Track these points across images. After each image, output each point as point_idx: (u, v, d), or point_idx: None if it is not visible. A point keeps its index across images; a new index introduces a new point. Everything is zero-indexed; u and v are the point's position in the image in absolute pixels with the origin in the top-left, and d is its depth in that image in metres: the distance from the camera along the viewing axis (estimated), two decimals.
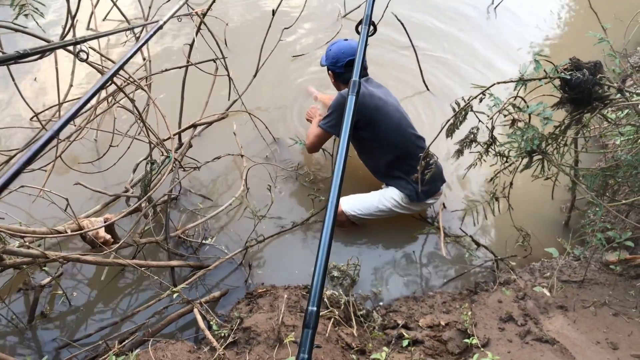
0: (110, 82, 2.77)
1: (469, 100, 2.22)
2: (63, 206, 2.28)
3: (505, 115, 2.29)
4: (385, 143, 2.85)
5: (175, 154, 2.60)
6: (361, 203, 2.98)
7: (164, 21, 1.95)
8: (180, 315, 2.52)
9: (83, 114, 3.03)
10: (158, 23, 1.94)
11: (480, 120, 2.28)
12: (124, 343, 2.36)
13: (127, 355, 2.15)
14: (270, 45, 3.47)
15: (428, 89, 3.97)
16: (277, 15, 3.30)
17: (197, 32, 2.86)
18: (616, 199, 2.67)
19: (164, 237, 2.67)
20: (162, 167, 2.53)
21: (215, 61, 3.10)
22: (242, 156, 3.31)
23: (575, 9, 5.07)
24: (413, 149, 2.85)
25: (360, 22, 1.60)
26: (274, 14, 3.24)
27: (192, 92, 3.20)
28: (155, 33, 1.88)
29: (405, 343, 2.36)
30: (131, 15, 4.16)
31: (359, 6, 4.47)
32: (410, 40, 3.85)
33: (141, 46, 1.78)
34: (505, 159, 2.50)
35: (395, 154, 2.86)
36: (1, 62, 1.32)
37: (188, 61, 2.91)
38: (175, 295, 2.31)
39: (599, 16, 2.61)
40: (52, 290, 2.66)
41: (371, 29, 1.60)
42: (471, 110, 2.26)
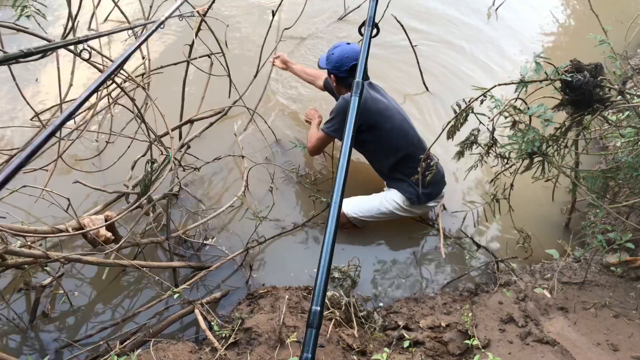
0: (111, 82, 2.79)
1: (469, 102, 2.22)
2: (64, 205, 2.28)
3: (506, 117, 2.30)
4: (387, 146, 2.86)
5: (174, 152, 2.59)
6: (363, 205, 2.98)
7: (163, 20, 1.94)
8: (182, 315, 2.52)
9: (82, 112, 3.04)
10: (157, 22, 1.94)
11: (481, 122, 2.28)
12: (125, 343, 2.36)
13: (129, 356, 2.15)
14: (270, 46, 3.47)
15: (428, 90, 3.97)
16: (277, 15, 3.29)
17: (197, 32, 2.85)
18: (617, 200, 2.67)
19: (165, 237, 2.67)
20: (162, 167, 2.53)
21: (210, 57, 3.09)
22: (243, 157, 3.31)
23: (575, 11, 5.08)
24: (415, 151, 2.85)
25: (363, 24, 1.60)
26: (273, 15, 3.24)
27: (193, 92, 3.20)
28: (154, 32, 1.88)
29: (406, 344, 2.37)
30: (132, 15, 4.16)
31: (355, 8, 4.48)
32: (410, 41, 3.85)
33: (140, 44, 1.77)
34: (506, 160, 2.50)
35: (398, 157, 2.86)
36: (6, 61, 1.32)
37: (189, 56, 2.90)
38: (176, 296, 2.31)
39: (599, 18, 2.62)
40: (54, 290, 2.66)
41: (374, 31, 1.60)
42: (472, 112, 2.27)
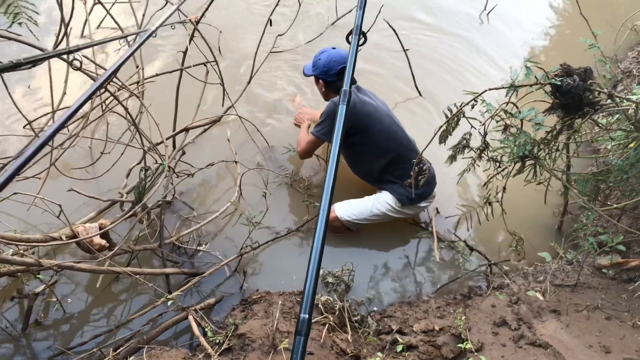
0: (104, 90, 2.79)
1: (461, 106, 2.24)
2: (57, 213, 2.27)
3: (497, 121, 2.32)
4: (377, 148, 2.88)
5: (168, 160, 2.59)
6: (355, 208, 2.99)
7: (155, 29, 1.95)
8: (175, 322, 2.51)
9: (76, 121, 3.04)
10: (149, 30, 1.95)
11: (472, 126, 2.29)
12: (119, 350, 2.35)
13: None
14: (264, 51, 3.48)
15: (421, 95, 3.99)
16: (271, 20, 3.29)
17: (191, 40, 2.86)
18: (608, 203, 2.69)
19: (159, 244, 2.67)
20: (156, 175, 2.53)
21: (206, 65, 3.10)
22: (236, 162, 3.31)
23: (566, 15, 5.11)
24: (405, 152, 2.88)
25: (350, 32, 1.62)
26: (270, 24, 3.24)
27: (187, 101, 3.20)
28: (145, 40, 1.88)
29: (399, 348, 2.37)
30: (124, 24, 4.16)
31: (347, 13, 4.49)
32: (402, 46, 3.87)
33: (132, 52, 1.78)
34: (498, 164, 2.52)
35: (388, 159, 2.88)
36: None
37: (182, 64, 2.91)
38: (170, 303, 2.31)
39: (589, 22, 2.64)
40: (46, 298, 2.65)
41: (362, 39, 1.62)
42: (463, 116, 2.28)
